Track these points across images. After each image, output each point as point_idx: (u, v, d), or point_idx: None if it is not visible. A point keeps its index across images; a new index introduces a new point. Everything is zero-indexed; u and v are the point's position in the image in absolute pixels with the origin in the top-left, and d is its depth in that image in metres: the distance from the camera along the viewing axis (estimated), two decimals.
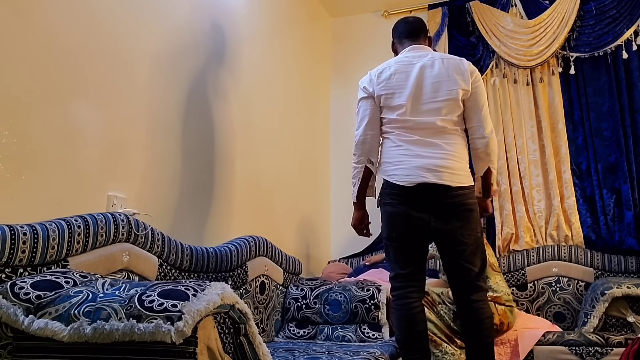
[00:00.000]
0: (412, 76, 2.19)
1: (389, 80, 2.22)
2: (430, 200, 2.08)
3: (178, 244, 2.04)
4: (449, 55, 2.27)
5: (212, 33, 2.65)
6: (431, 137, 2.13)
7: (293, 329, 2.77)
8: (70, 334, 1.09)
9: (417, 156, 2.11)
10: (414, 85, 2.17)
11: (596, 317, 2.79)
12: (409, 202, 2.10)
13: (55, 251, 1.47)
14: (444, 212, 2.08)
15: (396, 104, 2.19)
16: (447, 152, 2.12)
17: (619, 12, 3.51)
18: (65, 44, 1.77)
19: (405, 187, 2.09)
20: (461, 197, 2.09)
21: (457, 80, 2.16)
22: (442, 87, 2.16)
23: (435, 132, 2.14)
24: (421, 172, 2.08)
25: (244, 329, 1.35)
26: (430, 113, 2.15)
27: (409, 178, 2.09)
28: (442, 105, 2.15)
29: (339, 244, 4.03)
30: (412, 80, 2.18)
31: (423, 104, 2.16)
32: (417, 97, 2.17)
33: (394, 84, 2.21)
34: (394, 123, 2.20)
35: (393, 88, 2.20)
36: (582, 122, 3.53)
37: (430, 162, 2.09)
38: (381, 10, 4.24)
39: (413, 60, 2.23)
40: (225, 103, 2.73)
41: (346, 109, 4.26)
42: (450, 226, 2.08)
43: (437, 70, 2.18)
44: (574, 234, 3.41)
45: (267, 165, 3.15)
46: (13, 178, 1.56)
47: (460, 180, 2.11)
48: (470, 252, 2.10)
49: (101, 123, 1.91)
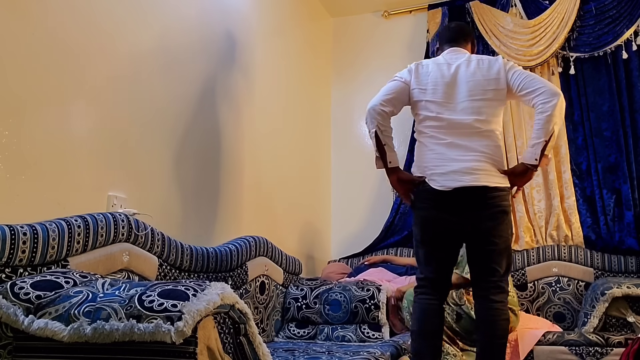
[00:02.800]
0: (448, 75, 2.18)
1: (425, 76, 2.21)
2: (466, 203, 2.07)
3: (178, 244, 2.04)
4: (484, 56, 2.27)
5: (212, 34, 2.64)
6: (466, 138, 2.12)
7: (293, 329, 2.77)
8: (70, 334, 1.09)
9: (452, 160, 2.10)
10: (449, 84, 2.17)
11: (596, 317, 2.79)
12: (444, 206, 2.09)
13: (55, 251, 1.47)
14: (480, 213, 2.07)
15: (430, 100, 2.17)
16: (483, 153, 2.10)
17: (618, 12, 3.51)
18: (66, 43, 1.77)
19: (442, 191, 2.08)
20: (497, 198, 2.08)
21: (493, 79, 2.16)
22: (478, 86, 2.15)
23: (471, 133, 2.12)
24: (457, 176, 2.07)
25: (244, 329, 1.35)
26: (465, 112, 2.13)
27: (446, 182, 2.08)
28: (477, 104, 2.13)
29: (339, 244, 4.03)
30: (448, 79, 2.17)
31: (458, 102, 2.15)
32: (452, 95, 2.16)
33: (429, 81, 2.19)
34: (428, 121, 2.17)
35: (428, 85, 2.19)
36: (582, 122, 3.52)
37: (466, 165, 2.08)
38: (381, 10, 4.24)
39: (450, 61, 2.23)
40: (224, 103, 2.73)
41: (347, 108, 4.27)
42: (483, 226, 2.08)
43: (473, 70, 2.17)
44: (574, 234, 3.41)
45: (268, 165, 3.15)
46: (13, 178, 1.56)
47: (497, 180, 2.10)
48: (498, 252, 2.10)
49: (101, 123, 1.91)
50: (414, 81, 2.21)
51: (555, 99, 2.03)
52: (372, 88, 4.16)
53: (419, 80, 2.20)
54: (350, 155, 4.19)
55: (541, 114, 2.05)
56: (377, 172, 4.06)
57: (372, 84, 4.21)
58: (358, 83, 4.27)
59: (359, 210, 4.06)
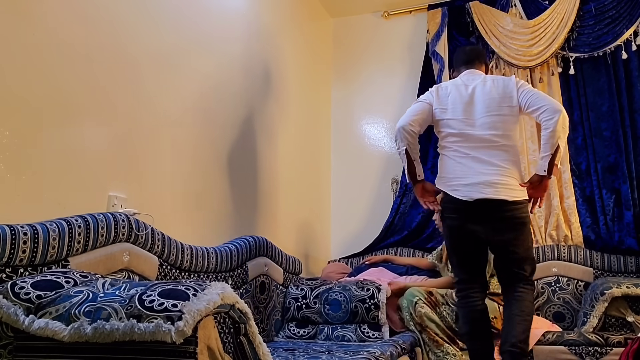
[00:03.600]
0: (466, 95, 2.39)
1: (445, 97, 2.42)
2: (487, 213, 2.25)
3: (178, 244, 2.04)
4: (499, 76, 2.52)
5: (213, 33, 2.65)
6: (486, 151, 2.30)
7: (293, 328, 2.77)
8: (71, 333, 1.09)
9: (476, 173, 2.28)
10: (467, 103, 2.37)
11: (596, 316, 2.79)
12: (467, 215, 2.28)
13: (55, 251, 1.47)
14: (499, 224, 2.26)
15: (450, 118, 2.37)
16: (502, 168, 2.29)
17: (618, 13, 3.51)
18: (67, 43, 1.77)
19: (465, 201, 2.26)
20: (516, 210, 2.26)
21: (507, 97, 2.35)
22: (494, 103, 2.35)
23: (490, 147, 2.31)
24: (480, 188, 2.25)
25: (244, 329, 1.35)
26: (483, 127, 2.32)
27: (469, 193, 2.26)
28: (494, 119, 2.33)
29: (339, 244, 4.04)
30: (466, 99, 2.38)
31: (477, 119, 2.34)
32: (471, 112, 2.36)
33: (449, 101, 2.40)
34: (451, 137, 2.37)
35: (448, 104, 2.40)
36: (581, 122, 3.53)
37: (488, 179, 2.26)
38: (381, 10, 4.24)
39: (467, 82, 2.44)
40: (224, 103, 2.73)
41: (347, 108, 4.27)
42: (503, 237, 2.27)
43: (489, 89, 2.38)
44: (574, 233, 3.41)
45: (268, 165, 3.15)
46: (13, 178, 1.56)
47: (516, 194, 2.27)
48: (521, 260, 2.30)
49: (102, 123, 1.91)
50: (436, 102, 2.42)
51: (557, 116, 2.20)
52: (372, 88, 4.21)
53: (440, 101, 2.41)
54: (350, 156, 4.19)
55: (545, 130, 2.23)
56: (377, 172, 4.09)
57: (372, 84, 4.22)
58: (358, 83, 4.27)
59: (359, 210, 4.07)
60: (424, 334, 2.66)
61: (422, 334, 2.66)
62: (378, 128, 4.17)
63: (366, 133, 4.20)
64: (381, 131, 4.15)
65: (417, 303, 2.68)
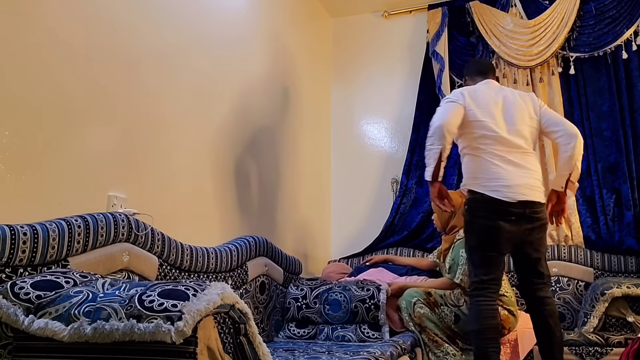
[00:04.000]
0: (497, 101, 2.47)
1: (478, 100, 2.46)
2: (523, 214, 2.34)
3: (178, 244, 2.04)
4: (521, 91, 2.61)
5: (213, 33, 2.65)
6: (520, 156, 2.40)
7: (293, 328, 2.77)
8: (71, 333, 1.09)
9: (515, 176, 2.36)
10: (500, 109, 2.45)
11: (596, 317, 2.79)
12: (504, 216, 2.33)
13: (55, 251, 1.47)
14: (532, 225, 2.37)
15: (486, 120, 2.41)
16: (532, 171, 2.41)
17: (618, 12, 3.51)
18: (67, 43, 1.77)
19: (506, 202, 2.32)
20: (543, 212, 2.41)
21: (532, 110, 2.49)
22: (523, 114, 2.46)
23: (522, 153, 2.41)
24: (521, 190, 2.34)
25: (244, 329, 1.35)
26: (516, 134, 2.42)
27: (512, 195, 2.33)
28: (522, 128, 2.43)
29: (339, 244, 4.04)
30: (499, 105, 2.46)
31: (509, 124, 2.43)
32: (504, 118, 2.44)
33: (483, 103, 2.45)
34: (486, 139, 2.41)
35: (483, 107, 2.44)
36: (582, 122, 3.52)
37: (526, 181, 2.37)
38: (381, 10, 4.24)
39: (495, 90, 2.53)
40: (223, 102, 2.73)
41: (347, 108, 4.27)
42: (533, 237, 2.39)
43: (517, 100, 2.49)
44: (574, 233, 3.41)
45: (267, 165, 3.15)
46: (13, 178, 1.56)
47: (543, 197, 2.41)
48: (544, 259, 2.45)
49: (102, 123, 1.91)
50: (470, 103, 2.44)
51: (574, 141, 2.38)
52: (372, 88, 4.21)
53: (476, 103, 2.45)
54: (350, 156, 4.19)
55: (564, 154, 2.41)
56: (377, 173, 4.09)
57: (372, 84, 4.22)
58: (358, 83, 4.27)
59: (359, 210, 4.06)
60: (424, 334, 2.65)
61: (421, 334, 2.66)
62: (378, 128, 4.17)
63: (366, 133, 4.19)
64: (381, 131, 4.15)
65: (415, 304, 2.68)
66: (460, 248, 2.75)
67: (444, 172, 3.68)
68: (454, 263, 2.77)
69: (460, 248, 2.75)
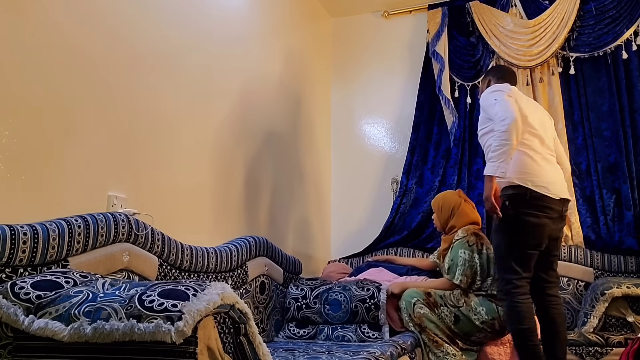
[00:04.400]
0: (530, 105, 2.55)
1: (520, 97, 2.51)
2: (561, 212, 2.43)
3: (178, 244, 2.04)
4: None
5: (213, 33, 2.65)
6: (550, 156, 2.49)
7: (293, 328, 2.77)
8: (71, 333, 1.09)
9: (553, 173, 2.44)
10: (534, 111, 2.54)
11: (596, 317, 2.79)
12: (549, 213, 2.37)
13: (55, 251, 1.47)
14: (563, 223, 2.50)
15: (530, 117, 2.46)
16: (560, 172, 2.52)
17: (618, 12, 3.50)
18: (67, 43, 1.77)
19: (553, 199, 2.36)
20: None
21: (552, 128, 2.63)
22: (544, 118, 2.59)
23: (550, 153, 2.51)
24: (560, 187, 2.43)
25: (244, 329, 1.35)
26: (545, 135, 2.51)
27: (556, 191, 2.39)
28: (548, 134, 2.54)
29: (339, 244, 4.04)
30: (532, 108, 2.54)
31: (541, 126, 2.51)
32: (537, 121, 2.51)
33: (524, 102, 2.51)
34: (531, 136, 2.45)
35: (524, 105, 2.48)
36: (582, 122, 3.52)
37: (561, 179, 2.47)
38: (381, 10, 4.24)
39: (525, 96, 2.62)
40: (223, 102, 2.73)
41: (347, 108, 4.27)
42: (560, 234, 2.51)
43: (541, 110, 2.64)
44: (574, 233, 3.41)
45: (267, 165, 3.15)
46: (13, 178, 1.56)
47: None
48: (559, 257, 2.62)
49: (101, 123, 1.91)
50: (517, 100, 2.46)
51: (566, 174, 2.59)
52: (372, 88, 4.21)
53: (519, 101, 2.47)
54: (350, 156, 4.19)
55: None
56: (377, 173, 4.09)
57: (372, 84, 4.22)
58: (358, 83, 4.27)
59: (359, 210, 4.06)
60: (424, 334, 2.65)
61: (421, 335, 2.66)
62: (378, 128, 4.17)
63: (366, 133, 4.19)
64: (381, 131, 4.15)
65: (415, 304, 2.68)
66: (459, 248, 2.75)
67: (444, 171, 3.76)
68: (452, 264, 2.77)
69: (459, 248, 2.75)
